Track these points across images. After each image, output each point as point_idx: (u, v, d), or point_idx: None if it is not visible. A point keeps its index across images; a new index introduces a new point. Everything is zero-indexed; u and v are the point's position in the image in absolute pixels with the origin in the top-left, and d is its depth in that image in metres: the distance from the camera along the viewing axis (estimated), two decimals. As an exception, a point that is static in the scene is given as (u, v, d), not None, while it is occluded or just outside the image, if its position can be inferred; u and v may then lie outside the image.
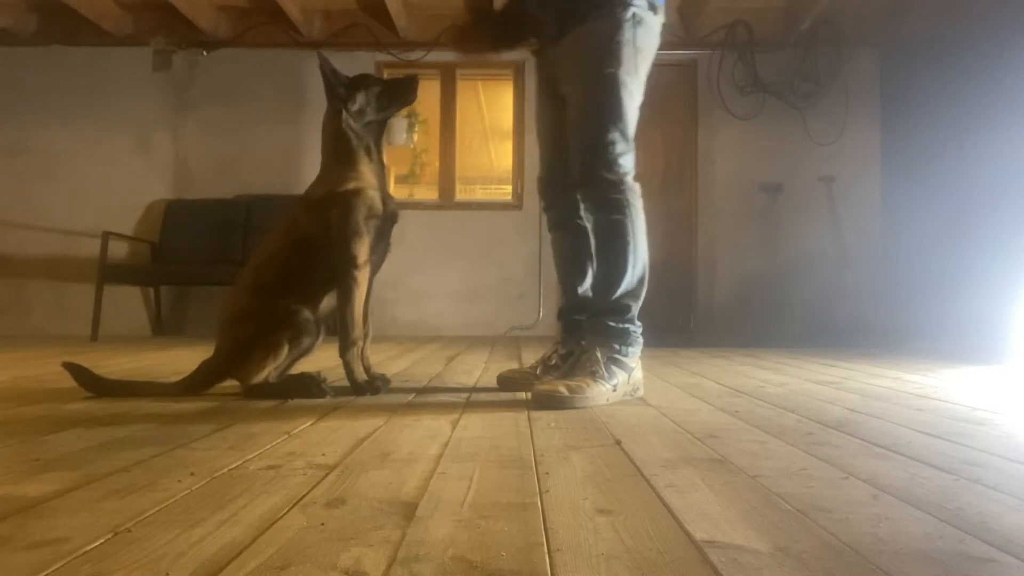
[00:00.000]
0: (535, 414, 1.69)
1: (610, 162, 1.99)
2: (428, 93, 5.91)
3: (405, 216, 6.49)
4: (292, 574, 0.70)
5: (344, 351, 2.01)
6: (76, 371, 1.96)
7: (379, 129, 2.23)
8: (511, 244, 5.61)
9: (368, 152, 2.17)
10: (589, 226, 2.14)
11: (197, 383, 1.97)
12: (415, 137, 6.04)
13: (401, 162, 6.26)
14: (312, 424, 1.54)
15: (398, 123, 5.78)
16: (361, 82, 2.21)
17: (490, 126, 6.58)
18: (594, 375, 1.89)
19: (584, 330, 2.07)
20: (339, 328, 2.01)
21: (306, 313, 1.97)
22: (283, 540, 0.80)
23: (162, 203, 5.55)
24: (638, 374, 2.02)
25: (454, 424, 1.55)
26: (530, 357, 3.39)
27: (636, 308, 2.02)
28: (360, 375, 2.04)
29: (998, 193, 4.25)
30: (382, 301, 5.60)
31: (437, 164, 5.84)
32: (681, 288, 5.55)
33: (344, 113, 2.17)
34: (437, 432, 1.45)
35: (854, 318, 5.18)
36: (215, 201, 5.49)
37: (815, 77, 5.44)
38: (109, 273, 4.91)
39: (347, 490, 1.01)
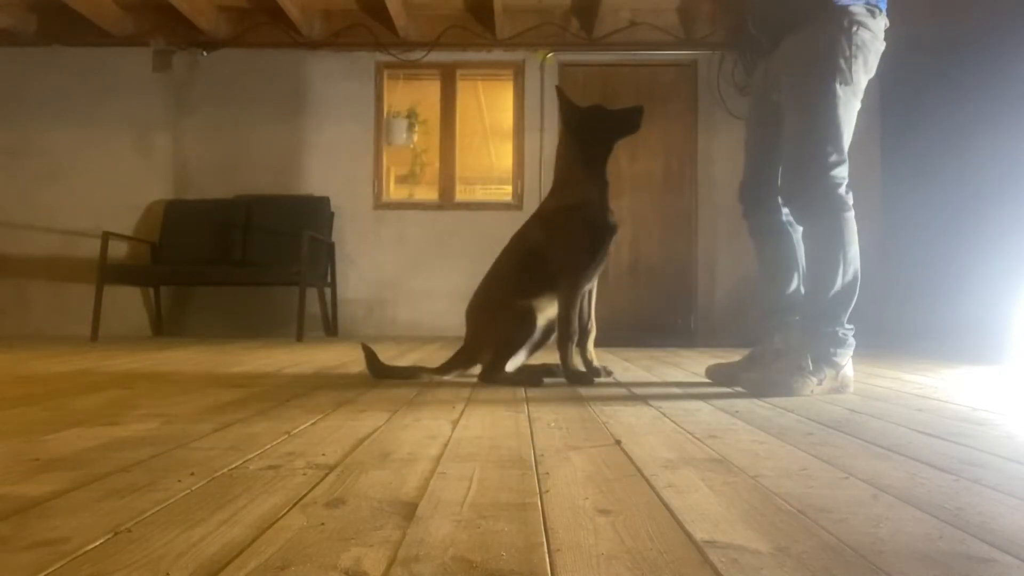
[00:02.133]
0: (535, 414, 1.69)
1: (823, 173, 2.07)
2: (428, 93, 5.91)
3: (405, 216, 6.44)
4: (292, 574, 0.70)
5: (561, 345, 2.33)
6: (369, 354, 2.36)
7: (605, 153, 2.42)
8: (511, 244, 5.61)
9: (593, 172, 2.39)
10: (794, 232, 2.27)
11: (452, 367, 2.38)
12: (415, 137, 6.04)
13: (401, 162, 6.27)
14: (312, 424, 1.54)
15: (398, 123, 5.79)
16: (593, 112, 2.41)
17: (490, 126, 6.58)
18: (801, 369, 2.04)
19: (791, 328, 2.21)
20: (557, 325, 2.35)
21: (537, 316, 2.33)
22: (283, 540, 0.80)
23: (162, 203, 5.55)
24: (848, 372, 2.12)
25: (454, 424, 1.55)
26: (530, 357, 3.38)
27: (846, 313, 2.13)
28: (573, 366, 2.32)
29: (998, 193, 4.25)
30: (382, 301, 5.60)
31: (437, 164, 5.84)
32: (681, 288, 5.55)
33: (575, 138, 2.40)
34: (437, 432, 1.45)
35: (854, 318, 5.18)
36: (215, 201, 5.49)
37: (815, 77, 5.43)
38: (109, 273, 4.91)
39: (347, 490, 1.01)
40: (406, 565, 0.72)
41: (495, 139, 6.50)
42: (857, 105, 2.11)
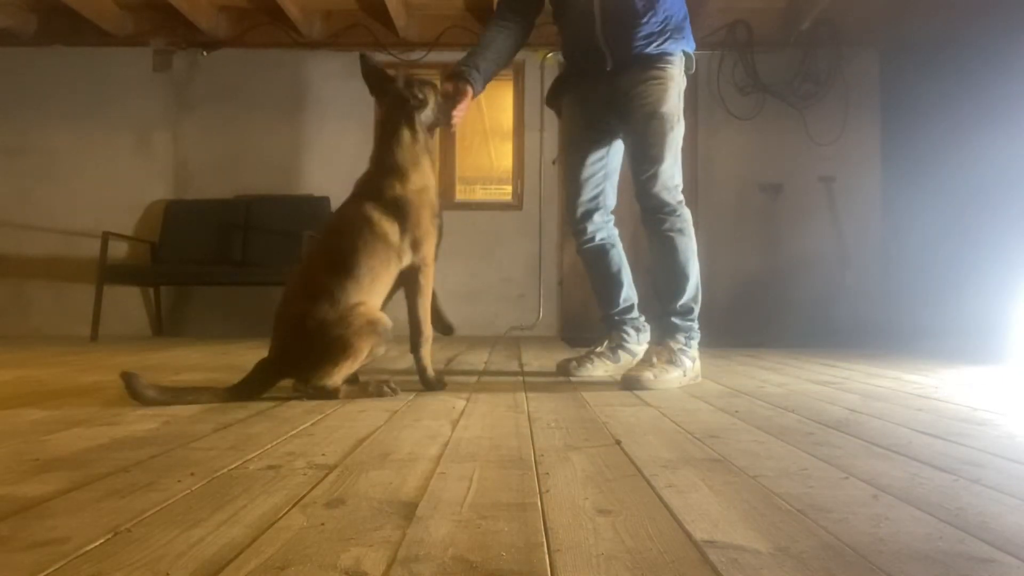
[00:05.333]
0: (535, 414, 1.70)
1: (671, 188, 2.32)
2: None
3: (405, 216, 6.24)
4: (292, 574, 0.70)
5: (418, 348, 2.09)
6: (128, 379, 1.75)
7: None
8: (511, 244, 5.61)
9: (429, 153, 2.17)
10: (619, 243, 2.56)
11: (256, 385, 1.88)
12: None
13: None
14: (312, 424, 1.54)
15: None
16: (431, 86, 2.20)
17: (490, 126, 6.58)
18: (671, 362, 2.26)
19: (653, 328, 2.47)
20: (413, 323, 2.07)
21: (387, 321, 1.95)
22: (283, 540, 0.80)
23: (162, 203, 5.55)
24: (698, 364, 2.36)
25: (454, 424, 1.55)
26: (530, 357, 3.39)
27: (697, 309, 2.38)
28: (432, 371, 2.12)
29: (998, 193, 4.25)
30: (382, 301, 5.60)
31: (437, 164, 5.84)
32: (681, 288, 5.54)
33: (417, 115, 2.12)
34: (437, 432, 1.45)
35: (854, 318, 5.18)
36: (215, 201, 5.49)
37: (815, 77, 5.43)
38: (109, 273, 4.91)
39: (347, 490, 1.01)
40: (406, 565, 0.72)
41: (495, 139, 6.50)
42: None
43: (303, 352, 1.88)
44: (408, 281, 2.06)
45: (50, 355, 3.45)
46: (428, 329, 2.10)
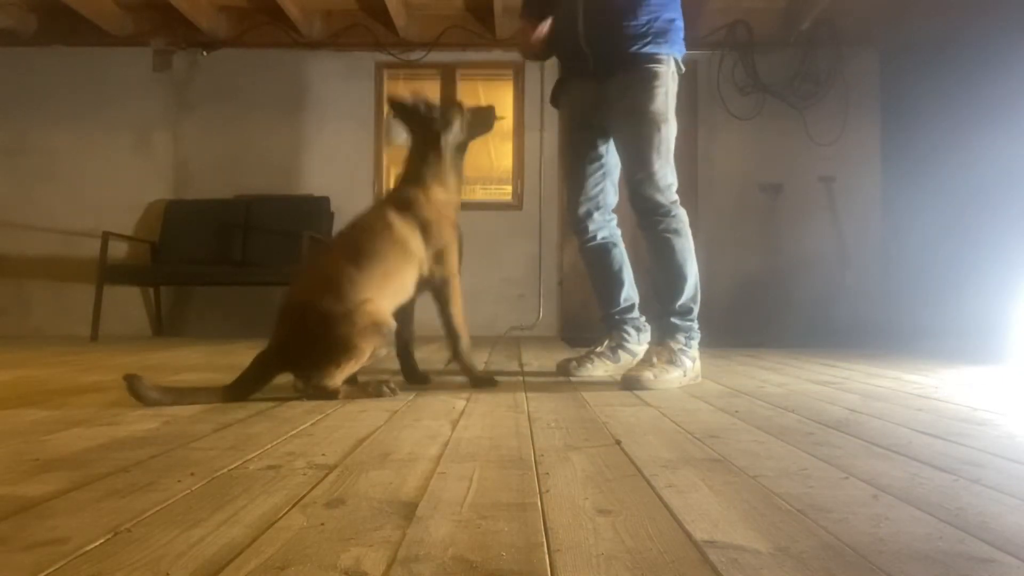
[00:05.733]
0: (535, 414, 1.70)
1: (664, 189, 2.32)
2: (428, 93, 5.90)
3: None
4: (292, 574, 0.70)
5: (459, 354, 2.18)
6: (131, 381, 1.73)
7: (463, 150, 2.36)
8: (511, 244, 5.61)
9: (456, 171, 2.34)
10: (620, 242, 2.56)
11: (256, 380, 1.88)
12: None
13: (401, 162, 6.26)
14: (312, 424, 1.54)
15: (398, 123, 5.78)
16: (456, 107, 2.34)
17: (490, 126, 6.59)
18: (671, 362, 2.26)
19: (653, 328, 2.47)
20: (449, 332, 2.17)
21: (392, 323, 1.95)
22: (283, 540, 0.80)
23: (162, 203, 5.55)
24: (698, 364, 2.37)
25: (454, 424, 1.55)
26: (530, 357, 3.39)
27: (696, 309, 2.39)
28: (478, 369, 2.20)
29: (998, 193, 4.25)
30: (382, 301, 5.60)
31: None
32: (681, 288, 5.53)
33: (443, 136, 2.28)
34: (437, 432, 1.45)
35: (854, 318, 5.18)
36: (215, 201, 5.49)
37: (815, 77, 5.44)
38: (109, 273, 4.91)
39: (347, 490, 1.01)
40: (406, 565, 0.72)
41: (495, 139, 6.49)
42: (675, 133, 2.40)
43: (305, 346, 1.87)
44: (437, 295, 2.15)
45: (50, 355, 3.45)
46: (466, 335, 2.18)
